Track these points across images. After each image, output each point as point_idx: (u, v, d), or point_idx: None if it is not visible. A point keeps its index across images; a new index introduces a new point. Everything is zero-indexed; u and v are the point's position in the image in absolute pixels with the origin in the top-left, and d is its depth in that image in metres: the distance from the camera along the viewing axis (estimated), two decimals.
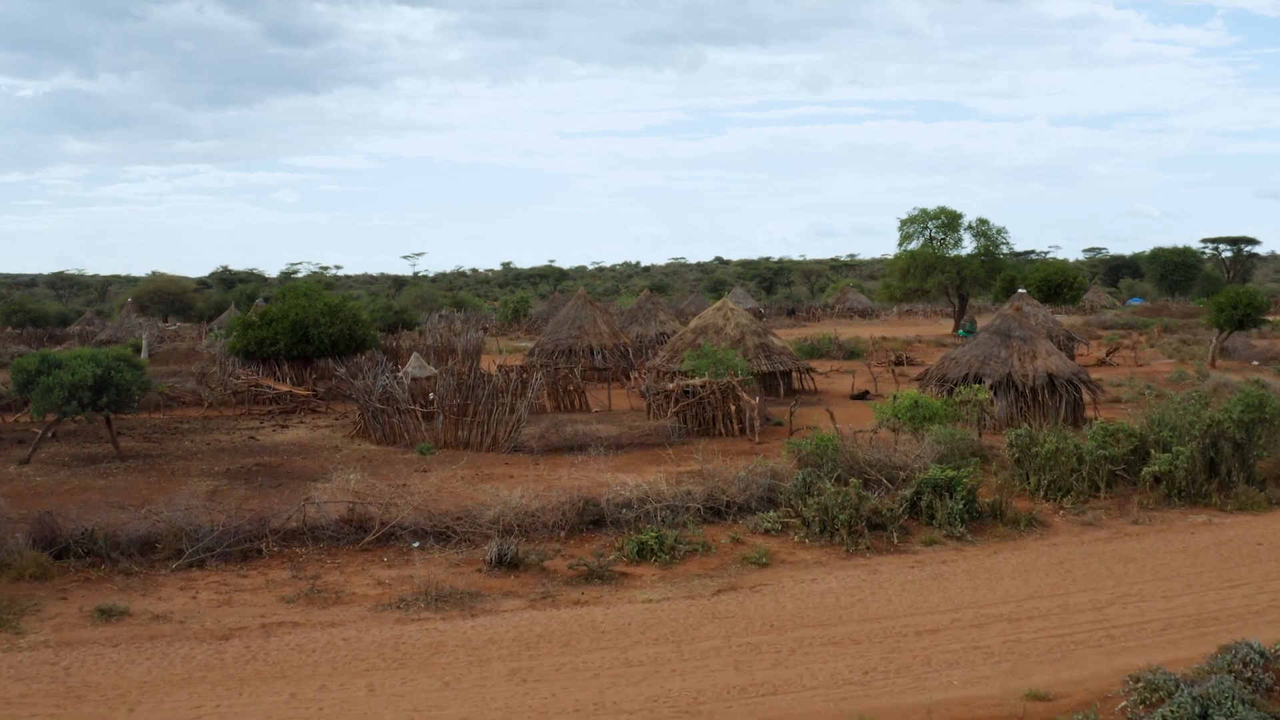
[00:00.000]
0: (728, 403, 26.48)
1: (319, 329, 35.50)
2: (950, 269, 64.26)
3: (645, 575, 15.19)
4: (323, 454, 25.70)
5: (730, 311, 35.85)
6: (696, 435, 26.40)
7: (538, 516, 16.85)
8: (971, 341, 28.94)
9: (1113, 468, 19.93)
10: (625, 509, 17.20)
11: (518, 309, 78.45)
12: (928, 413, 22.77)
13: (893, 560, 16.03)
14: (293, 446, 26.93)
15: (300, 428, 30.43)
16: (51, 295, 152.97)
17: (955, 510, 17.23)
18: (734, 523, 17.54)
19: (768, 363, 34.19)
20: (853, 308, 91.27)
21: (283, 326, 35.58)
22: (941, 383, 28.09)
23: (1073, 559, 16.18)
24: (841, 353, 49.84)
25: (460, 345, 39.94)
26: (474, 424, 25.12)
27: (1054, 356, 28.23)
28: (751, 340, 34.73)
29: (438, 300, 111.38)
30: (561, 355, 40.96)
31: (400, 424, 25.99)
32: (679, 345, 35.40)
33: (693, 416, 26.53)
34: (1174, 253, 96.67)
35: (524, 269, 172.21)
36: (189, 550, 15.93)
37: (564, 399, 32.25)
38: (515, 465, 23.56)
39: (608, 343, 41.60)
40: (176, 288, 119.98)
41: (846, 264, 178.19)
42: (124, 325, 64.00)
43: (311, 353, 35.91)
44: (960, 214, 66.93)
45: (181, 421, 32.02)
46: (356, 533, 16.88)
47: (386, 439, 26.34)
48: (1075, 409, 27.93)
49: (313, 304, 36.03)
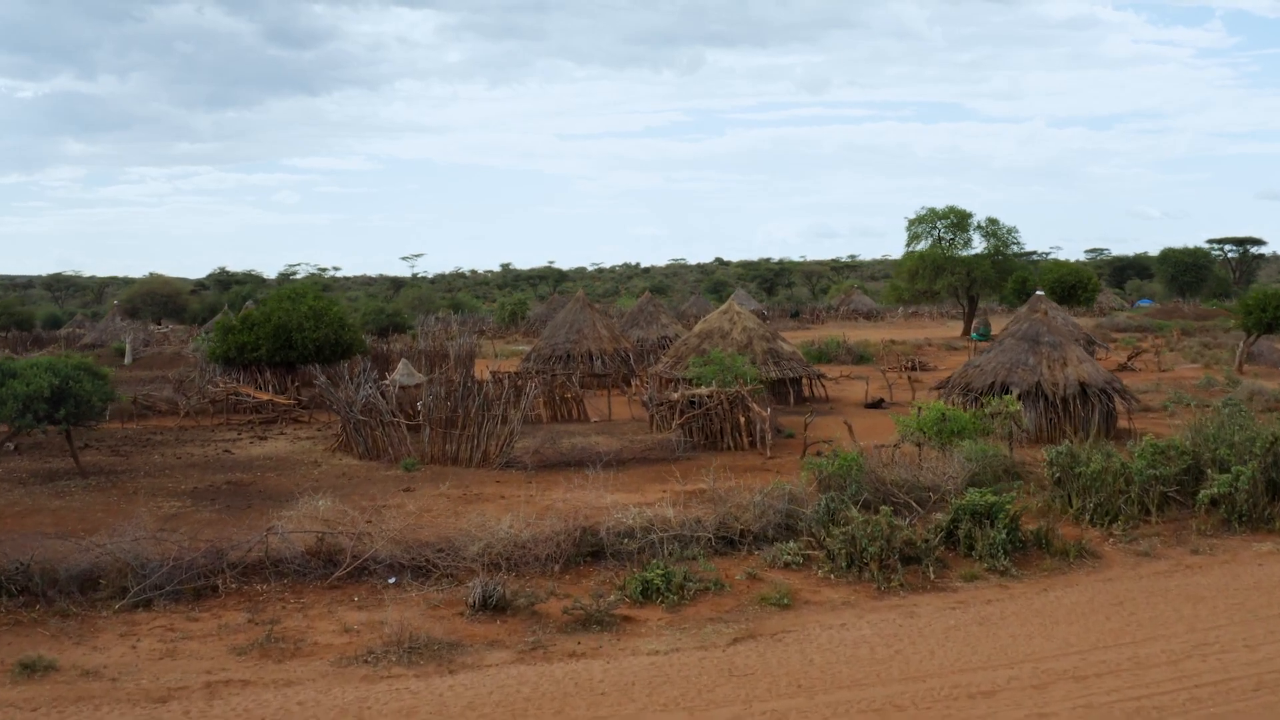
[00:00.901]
0: (736, 414, 24.62)
1: (303, 333, 33.64)
2: (960, 270, 62.42)
3: (651, 620, 13.31)
4: (300, 470, 23.84)
5: (737, 315, 33.99)
6: (703, 449, 24.54)
7: (529, 548, 14.98)
8: (996, 347, 27.07)
9: (1164, 489, 18.06)
10: (627, 539, 15.34)
11: (515, 311, 76.43)
12: (956, 427, 20.90)
13: (931, 600, 14.15)
14: (269, 461, 25.05)
15: (280, 439, 28.56)
16: (48, 297, 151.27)
17: (997, 540, 15.35)
18: (749, 554, 15.67)
19: (777, 369, 32.33)
20: (857, 309, 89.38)
21: (265, 331, 33.73)
22: (965, 392, 26.21)
23: (1133, 598, 14.30)
24: (851, 357, 47.97)
25: (453, 350, 38.04)
26: (463, 438, 23.26)
27: (1085, 364, 26.36)
28: (759, 345, 32.86)
29: (435, 302, 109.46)
30: (559, 361, 39.07)
31: (384, 437, 24.12)
32: (683, 351, 33.54)
33: (699, 429, 24.66)
34: (1185, 253, 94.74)
35: (523, 270, 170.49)
36: (134, 589, 14.09)
37: (561, 408, 30.39)
38: (507, 483, 21.70)
39: (607, 347, 39.72)
40: (170, 289, 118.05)
41: (847, 265, 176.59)
42: (109, 328, 62.13)
43: (295, 358, 34.05)
44: (970, 213, 65.24)
45: (155, 432, 30.16)
46: (325, 566, 15.01)
47: (369, 453, 24.46)
48: (1108, 420, 26.06)
49: (296, 307, 34.16)
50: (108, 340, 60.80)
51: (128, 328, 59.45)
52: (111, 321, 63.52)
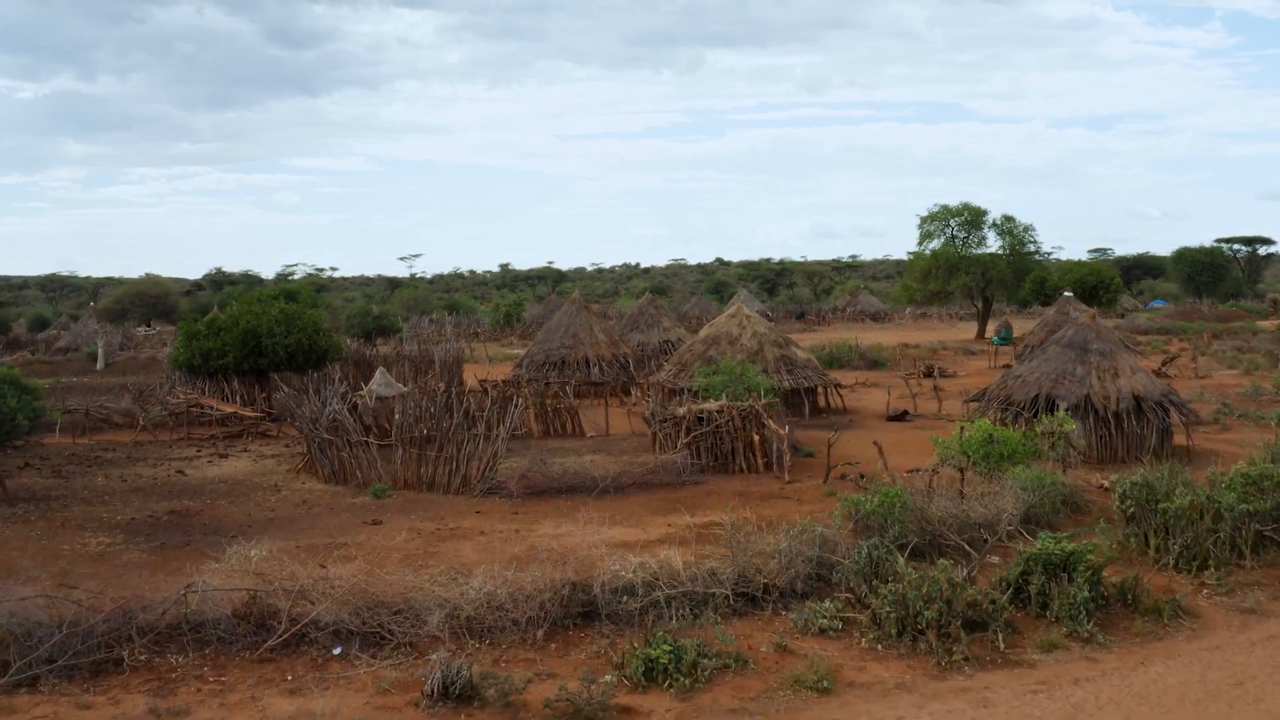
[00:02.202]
0: (750, 432, 21.85)
1: (273, 339, 30.88)
2: (975, 270, 59.65)
3: (656, 711, 10.52)
4: (256, 496, 21.07)
5: (746, 318, 31.20)
6: (712, 471, 21.76)
7: (506, 611, 12.19)
8: (1040, 355, 24.29)
9: (1259, 527, 15.30)
10: (626, 597, 12.57)
11: (510, 312, 73.47)
12: (1006, 450, 18.14)
13: (1005, 680, 11.36)
14: (224, 484, 22.29)
15: (243, 457, 25.78)
16: (42, 298, 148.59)
17: (1078, 599, 12.57)
18: (775, 614, 12.90)
19: (790, 378, 29.56)
20: (864, 310, 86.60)
21: (232, 336, 30.97)
22: (1006, 406, 23.43)
23: (1252, 674, 11.53)
24: (864, 362, 45.20)
25: (438, 356, 35.22)
26: (440, 459, 20.48)
27: (1139, 374, 23.59)
28: (771, 352, 30.08)
29: (431, 303, 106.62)
30: (553, 368, 36.26)
31: (351, 459, 21.34)
32: (687, 358, 30.76)
33: (707, 449, 21.87)
34: (1201, 253, 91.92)
35: (522, 270, 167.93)
36: (16, 663, 11.34)
37: (554, 421, 27.62)
38: (489, 514, 18.93)
39: (605, 353, 36.91)
40: (160, 290, 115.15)
41: (849, 265, 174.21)
42: (83, 331, 59.35)
43: (265, 366, 31.27)
44: (984, 210, 62.48)
45: (108, 448, 27.38)
46: (256, 633, 12.23)
47: (335, 476, 21.69)
48: (1163, 437, 23.29)
49: (266, 311, 31.39)
50: (83, 344, 58.08)
51: (101, 331, 56.59)
52: (87, 324, 60.71)
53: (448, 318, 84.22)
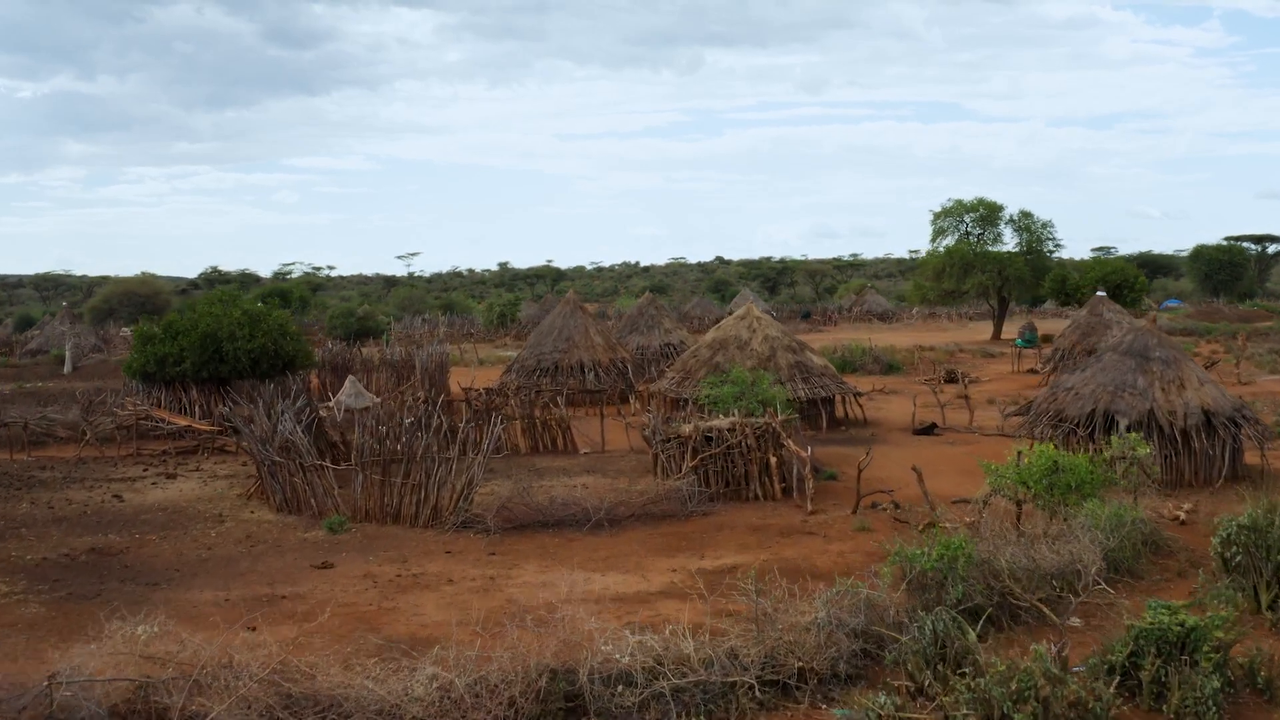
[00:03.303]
0: (767, 453, 18.98)
1: (235, 344, 28.01)
2: (992, 268, 56.75)
3: None
4: (196, 528, 18.22)
5: (757, 321, 28.33)
6: (723, 499, 18.88)
7: (465, 713, 9.33)
8: (1094, 364, 21.42)
9: None
10: (622, 687, 9.72)
11: (504, 312, 70.44)
12: (1074, 480, 15.28)
13: None
14: (163, 513, 19.44)
15: (193, 478, 22.92)
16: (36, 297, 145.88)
17: (1207, 691, 9.71)
18: (812, 706, 10.05)
19: (805, 387, 26.71)
20: (871, 310, 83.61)
21: (189, 341, 28.10)
22: (1058, 422, 20.56)
23: None
24: (879, 366, 42.30)
25: (419, 361, 32.27)
26: (407, 487, 17.62)
27: (1207, 385, 20.73)
28: (785, 358, 27.21)
29: (426, 302, 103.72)
30: (544, 374, 33.37)
31: (305, 485, 18.47)
32: (692, 364, 27.91)
33: (717, 472, 18.99)
34: (1219, 251, 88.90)
35: (521, 269, 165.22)
36: None
37: (543, 435, 24.76)
38: (461, 554, 16.08)
39: (602, 358, 34.00)
40: (149, 289, 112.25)
41: (851, 264, 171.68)
42: (54, 333, 56.46)
43: (226, 374, 28.40)
44: (1001, 205, 59.56)
45: (46, 465, 24.51)
46: None
47: (288, 505, 18.83)
48: (1234, 456, 20.44)
49: (228, 313, 28.51)
50: (53, 346, 55.17)
51: (70, 332, 53.67)
52: (59, 325, 57.80)
53: (441, 318, 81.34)
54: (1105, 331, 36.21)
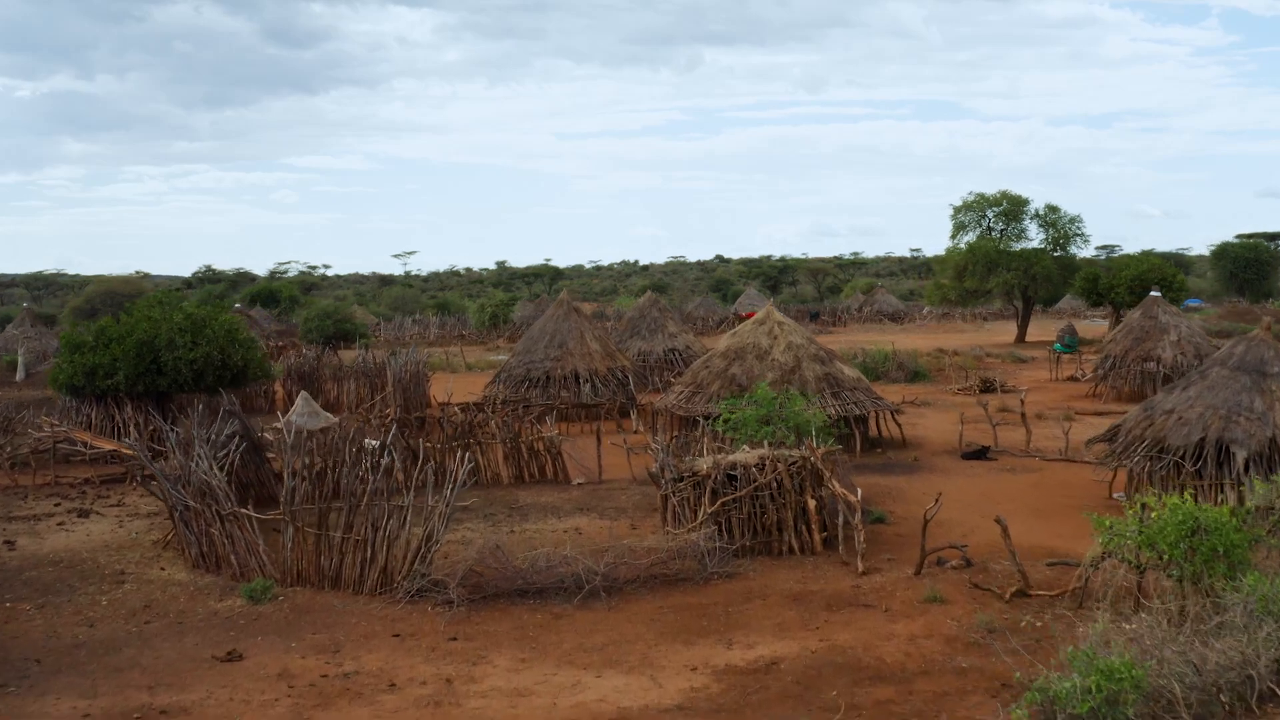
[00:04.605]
0: (805, 494, 15.19)
1: (174, 353, 24.21)
2: (1018, 266, 52.94)
3: None
4: (86, 591, 14.45)
5: (779, 326, 24.51)
6: (750, 554, 15.07)
7: None
8: (1195, 380, 17.62)
9: None
10: None
11: (496, 313, 66.44)
12: (1221, 543, 11.50)
13: None
14: (54, 567, 15.66)
15: (109, 515, 19.12)
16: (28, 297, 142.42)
17: None
18: None
19: (836, 403, 22.91)
20: (882, 310, 79.76)
21: (124, 349, 24.29)
22: (1157, 453, 16.76)
23: None
24: (903, 373, 38.49)
25: (391, 371, 28.36)
26: (349, 543, 13.83)
27: None
28: (812, 369, 23.42)
29: (420, 302, 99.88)
30: (534, 385, 29.53)
31: (224, 538, 14.67)
32: (704, 376, 24.10)
33: (742, 520, 15.17)
34: (1244, 248, 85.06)
35: (519, 268, 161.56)
36: None
37: (529, 463, 20.97)
38: (413, 638, 12.29)
39: (599, 366, 30.13)
40: (131, 288, 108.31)
41: (852, 262, 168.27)
42: (10, 337, 52.62)
43: (166, 387, 24.61)
44: (1026, 199, 55.80)
45: None
46: None
47: (205, 560, 15.05)
48: None
49: (168, 316, 24.70)
50: (8, 349, 51.36)
51: (20, 336, 49.83)
52: (18, 326, 53.95)
53: (432, 319, 77.47)
54: (1161, 337, 32.44)
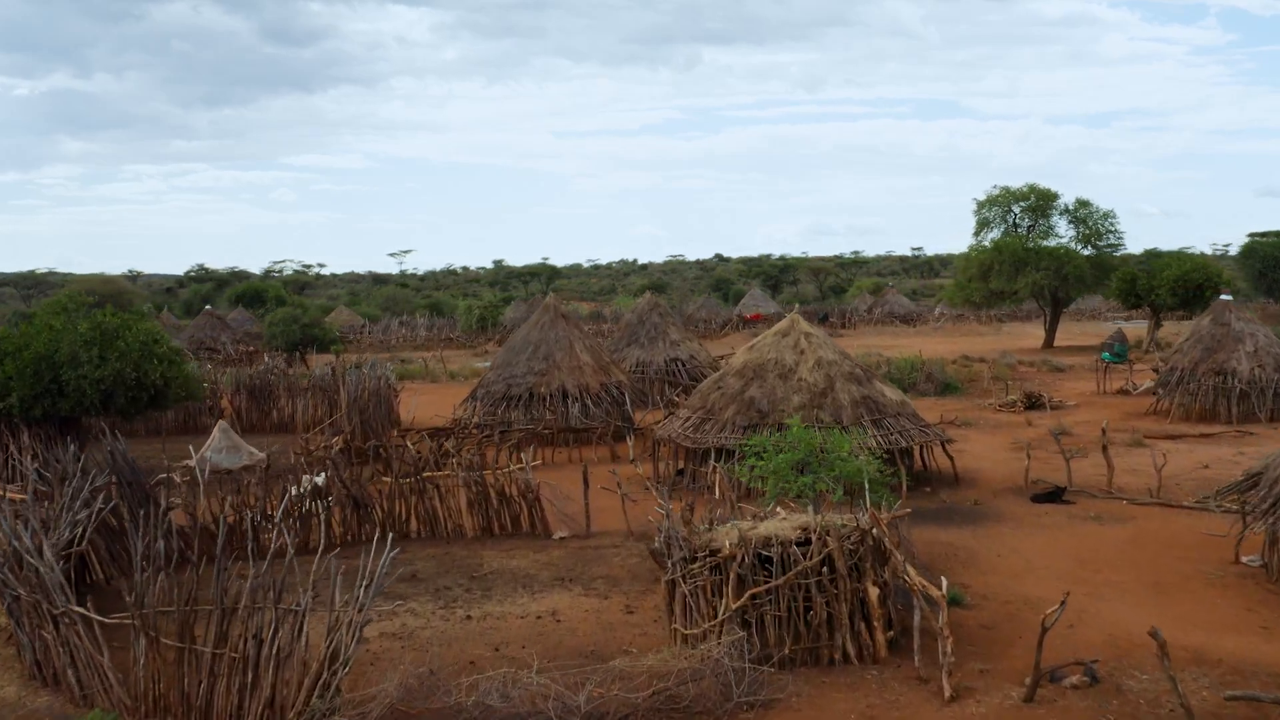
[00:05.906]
0: (864, 580, 11.07)
1: (78, 369, 20.09)
2: (1048, 265, 48.82)
3: None
4: None
5: (806, 339, 20.28)
6: (789, 666, 10.93)
7: None
8: None
9: None
10: None
11: (484, 315, 62.18)
12: None
13: None
14: None
15: None
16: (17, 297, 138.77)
17: None
18: None
19: (879, 433, 18.79)
20: (893, 312, 75.60)
21: (19, 365, 20.17)
22: None
23: None
24: (932, 385, 34.39)
25: (346, 391, 24.08)
26: (224, 663, 9.71)
27: None
28: (847, 392, 19.29)
29: (412, 302, 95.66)
30: (516, 405, 25.37)
31: (59, 646, 10.56)
32: (715, 399, 19.94)
33: (778, 617, 11.02)
34: (1273, 246, 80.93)
35: (516, 267, 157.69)
36: None
37: (499, 511, 16.85)
38: None
39: (591, 381, 25.94)
40: (113, 288, 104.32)
41: (853, 261, 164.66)
42: None
43: (69, 410, 20.51)
44: (1056, 194, 51.69)
45: None
46: None
47: (41, 671, 10.94)
48: None
49: (71, 327, 20.56)
50: None
51: None
52: None
53: (421, 320, 73.31)
54: (1236, 346, 28.34)
